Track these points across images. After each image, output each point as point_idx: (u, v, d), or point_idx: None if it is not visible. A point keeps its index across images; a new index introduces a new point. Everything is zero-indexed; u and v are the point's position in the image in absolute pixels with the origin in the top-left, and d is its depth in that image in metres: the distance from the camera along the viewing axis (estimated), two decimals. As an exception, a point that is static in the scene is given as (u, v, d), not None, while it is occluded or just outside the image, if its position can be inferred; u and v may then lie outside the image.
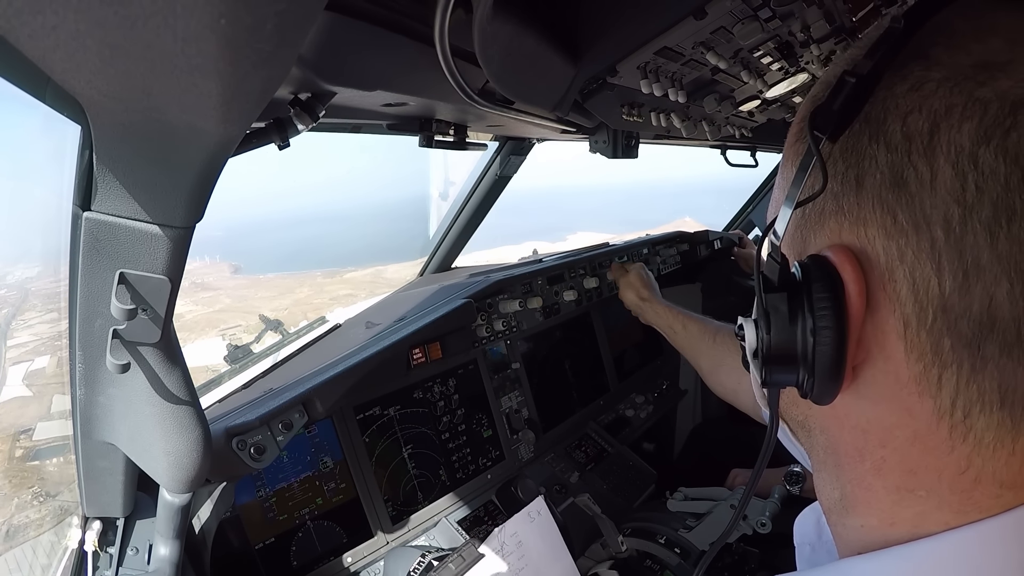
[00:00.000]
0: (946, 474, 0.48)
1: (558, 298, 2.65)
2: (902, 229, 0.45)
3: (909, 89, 0.46)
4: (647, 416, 3.05)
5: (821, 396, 0.51)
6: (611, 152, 2.03)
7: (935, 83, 0.45)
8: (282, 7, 0.51)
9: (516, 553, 1.59)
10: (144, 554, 1.38)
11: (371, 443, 2.00)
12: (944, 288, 0.44)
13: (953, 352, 0.45)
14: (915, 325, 0.46)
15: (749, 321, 0.55)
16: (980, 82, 0.43)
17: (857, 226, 0.48)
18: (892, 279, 0.46)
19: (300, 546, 1.78)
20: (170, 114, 0.63)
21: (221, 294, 24.79)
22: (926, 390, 0.47)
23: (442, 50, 0.85)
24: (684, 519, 2.11)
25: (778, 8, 1.21)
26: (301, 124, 1.03)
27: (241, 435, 1.44)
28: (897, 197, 0.46)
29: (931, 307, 0.45)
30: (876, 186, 0.47)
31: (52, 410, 2.68)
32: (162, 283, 0.89)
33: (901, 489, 0.51)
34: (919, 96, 0.46)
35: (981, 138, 0.42)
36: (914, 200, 0.45)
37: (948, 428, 0.46)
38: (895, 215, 0.46)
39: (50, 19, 0.50)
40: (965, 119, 0.43)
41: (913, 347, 0.46)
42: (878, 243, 0.47)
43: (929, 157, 0.44)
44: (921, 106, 0.45)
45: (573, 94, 1.38)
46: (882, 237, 0.47)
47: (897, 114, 0.46)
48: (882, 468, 0.52)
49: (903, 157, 0.45)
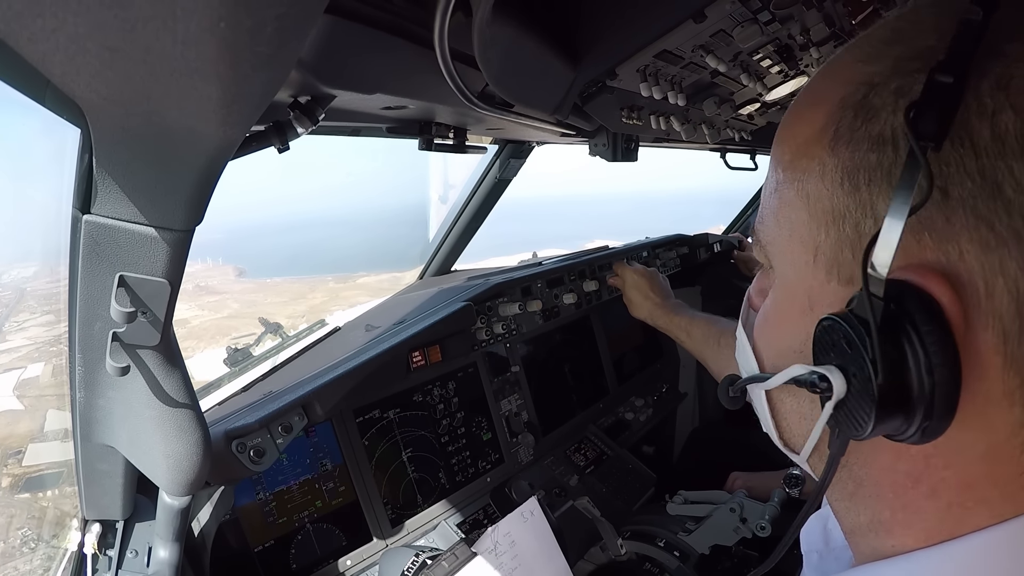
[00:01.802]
0: (1003, 479, 0.47)
1: (558, 301, 2.65)
2: (1002, 239, 0.42)
3: (993, 87, 0.43)
4: (647, 419, 3.05)
5: (933, 435, 0.46)
6: (610, 155, 2.04)
7: (1021, 79, 0.43)
8: (282, 10, 0.51)
9: (509, 553, 1.58)
10: (143, 557, 1.38)
11: (370, 446, 2.00)
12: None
13: None
14: (1016, 338, 0.44)
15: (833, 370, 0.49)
16: None
17: (945, 243, 0.45)
18: (990, 294, 0.43)
19: (299, 549, 1.77)
20: (170, 117, 0.63)
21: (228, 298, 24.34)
22: (1018, 401, 0.45)
23: (442, 53, 0.86)
24: (684, 522, 2.10)
25: (777, 11, 1.21)
26: (301, 127, 1.03)
27: (241, 438, 1.44)
28: (993, 205, 0.43)
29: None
30: (967, 196, 0.43)
31: (46, 428, 2.32)
32: (162, 286, 0.89)
33: (952, 505, 0.49)
34: (1006, 94, 0.43)
35: None
36: (1012, 206, 0.42)
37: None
38: (992, 225, 0.43)
39: (50, 22, 0.50)
40: None
41: (1013, 360, 0.44)
42: (971, 258, 0.44)
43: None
44: (1011, 104, 0.43)
45: (572, 97, 1.39)
46: (977, 251, 0.43)
47: (983, 115, 0.43)
48: (938, 489, 0.50)
49: (996, 161, 0.42)
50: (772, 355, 0.63)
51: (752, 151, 3.61)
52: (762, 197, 0.63)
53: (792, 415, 0.62)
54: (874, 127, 0.48)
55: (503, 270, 2.85)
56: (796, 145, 0.55)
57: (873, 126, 0.48)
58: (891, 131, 0.47)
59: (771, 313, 0.63)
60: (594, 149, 2.08)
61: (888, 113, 0.47)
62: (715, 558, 1.97)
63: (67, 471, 1.44)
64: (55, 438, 1.94)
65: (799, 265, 0.55)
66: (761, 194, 0.63)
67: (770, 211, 0.59)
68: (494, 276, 2.56)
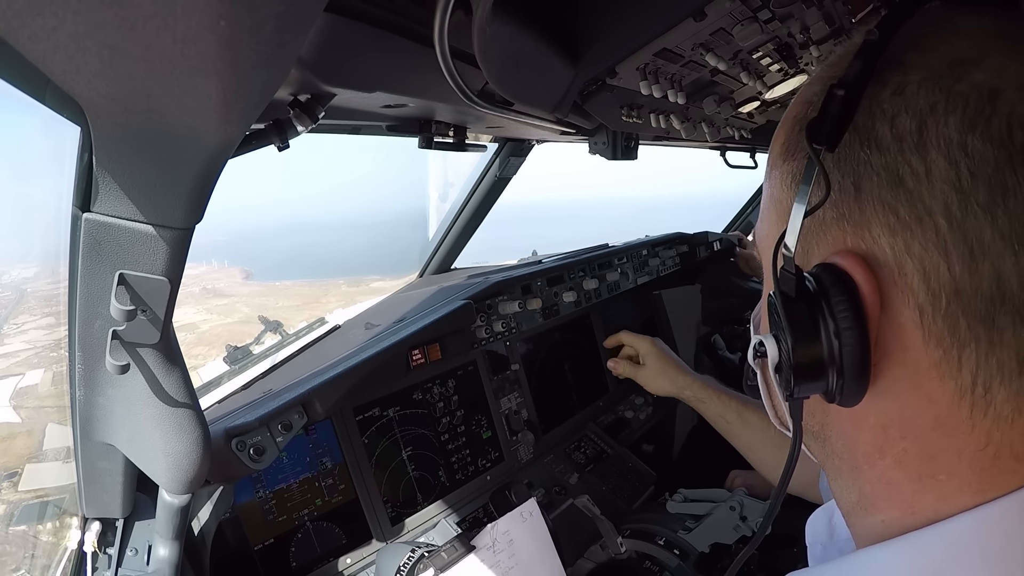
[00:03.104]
0: (966, 453, 0.50)
1: (557, 299, 2.65)
2: (906, 224, 0.48)
3: (892, 94, 0.50)
4: (646, 417, 3.05)
5: (850, 397, 0.52)
6: (610, 153, 2.04)
7: (915, 85, 0.49)
8: (281, 8, 0.51)
9: (507, 551, 1.59)
10: (143, 555, 1.38)
11: (370, 444, 2.00)
12: (954, 272, 0.46)
13: (970, 330, 0.47)
14: (930, 312, 0.48)
15: (768, 337, 0.57)
16: (956, 78, 0.47)
17: (860, 229, 0.51)
18: (902, 273, 0.48)
19: (299, 547, 1.78)
20: (170, 115, 0.63)
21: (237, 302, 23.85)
22: (946, 372, 0.49)
23: (441, 51, 0.86)
24: (683, 520, 2.10)
25: (777, 10, 1.21)
26: (301, 125, 1.03)
27: (240, 436, 1.44)
28: (896, 195, 0.48)
29: (943, 292, 0.47)
30: (874, 188, 0.50)
31: (46, 446, 1.97)
32: (162, 284, 0.89)
33: (923, 476, 0.53)
34: (903, 99, 0.49)
35: (967, 127, 0.45)
36: (913, 195, 0.47)
37: (969, 406, 0.49)
38: (897, 212, 0.48)
39: (50, 21, 0.50)
40: (949, 113, 0.46)
41: (931, 333, 0.48)
42: (883, 242, 0.49)
43: (921, 152, 0.47)
44: (906, 107, 0.48)
45: (572, 95, 1.39)
46: (887, 235, 0.49)
47: (884, 118, 0.49)
48: (903, 459, 0.54)
49: (896, 157, 0.48)
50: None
51: (752, 149, 3.61)
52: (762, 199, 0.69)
53: (774, 389, 0.66)
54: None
55: (503, 268, 2.85)
56: (772, 158, 0.63)
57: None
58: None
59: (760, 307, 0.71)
60: (594, 147, 2.08)
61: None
62: (715, 556, 1.97)
63: (70, 496, 1.40)
64: (55, 457, 1.78)
65: (771, 258, 0.60)
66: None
67: (760, 214, 0.67)
68: (494, 274, 2.56)
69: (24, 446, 2.37)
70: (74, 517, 1.36)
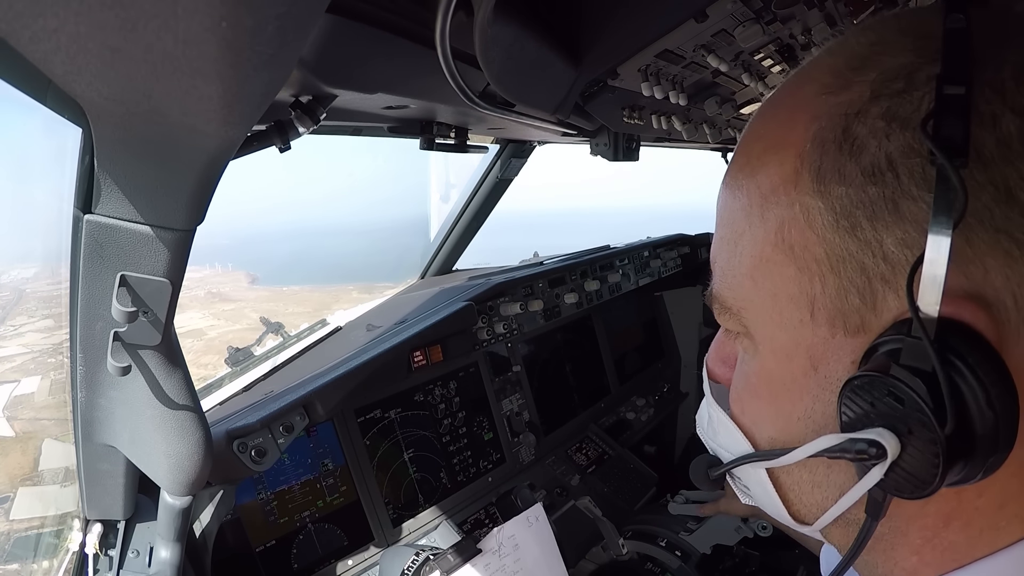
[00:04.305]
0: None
1: (559, 300, 2.65)
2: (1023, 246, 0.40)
3: (989, 93, 0.42)
4: (648, 419, 3.05)
5: (995, 468, 0.43)
6: (612, 155, 2.04)
7: (1013, 81, 0.41)
8: (283, 10, 0.51)
9: (512, 555, 1.59)
10: (145, 557, 1.38)
11: (372, 446, 2.00)
12: None
13: None
14: None
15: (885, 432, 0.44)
16: None
17: (967, 264, 0.42)
18: (1020, 307, 0.41)
19: (301, 549, 1.77)
20: (171, 117, 0.63)
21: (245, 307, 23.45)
22: None
23: (443, 53, 0.86)
24: (685, 522, 2.10)
25: (779, 11, 1.21)
26: (302, 127, 1.03)
27: (242, 437, 1.44)
28: (1009, 213, 0.40)
29: None
30: (981, 209, 0.41)
31: (42, 466, 1.74)
32: (163, 285, 0.89)
33: (985, 531, 0.47)
34: (1003, 99, 0.41)
35: None
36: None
37: None
38: (1011, 234, 0.41)
39: (51, 22, 0.50)
40: None
41: None
42: (996, 274, 0.41)
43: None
44: (1010, 107, 0.41)
45: (574, 97, 1.39)
46: (1002, 265, 0.41)
47: (983, 123, 0.41)
48: (972, 520, 0.47)
49: (1004, 167, 0.40)
50: (767, 428, 0.58)
51: (753, 151, 3.60)
52: (719, 257, 0.58)
53: (804, 485, 0.57)
54: (864, 159, 0.45)
55: (504, 270, 2.85)
56: (762, 195, 0.51)
57: (863, 158, 0.45)
58: (885, 159, 0.44)
59: (756, 382, 0.57)
60: (595, 149, 2.08)
61: (879, 140, 0.44)
62: (717, 558, 1.97)
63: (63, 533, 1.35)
64: (53, 480, 1.58)
65: (792, 325, 0.51)
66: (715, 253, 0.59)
67: (739, 271, 0.55)
68: (495, 276, 2.56)
69: (18, 465, 2.09)
70: (75, 520, 1.36)
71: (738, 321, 0.57)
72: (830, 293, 0.48)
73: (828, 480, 0.54)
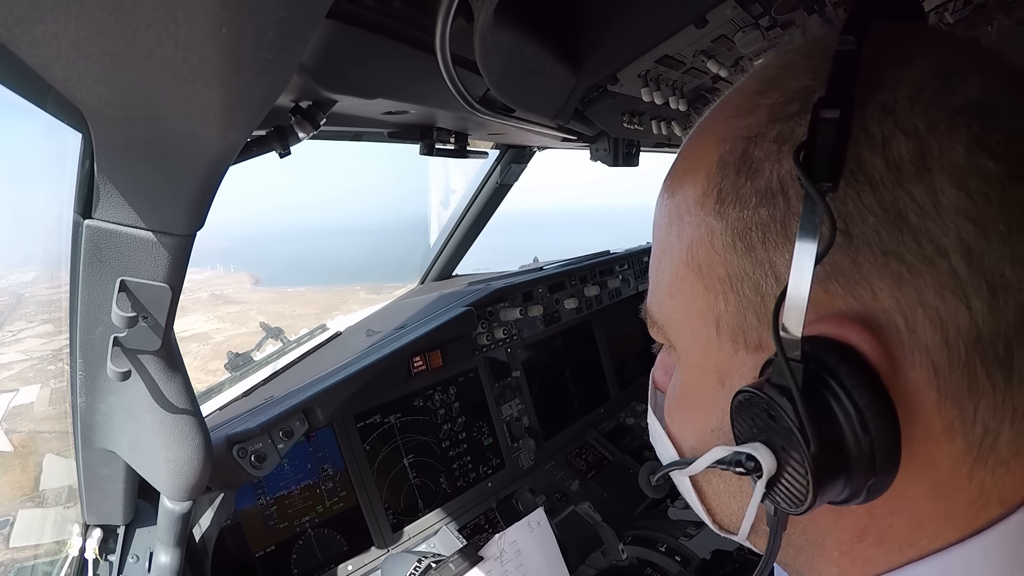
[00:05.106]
0: (956, 511, 0.44)
1: (559, 306, 2.65)
2: (914, 269, 0.40)
3: (879, 115, 0.42)
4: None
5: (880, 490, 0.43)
6: (612, 160, 2.04)
7: (907, 101, 0.41)
8: (283, 15, 0.51)
9: (515, 561, 1.58)
10: (145, 562, 1.38)
11: (372, 451, 1.99)
12: (975, 317, 0.40)
13: (988, 378, 0.41)
14: (946, 369, 0.41)
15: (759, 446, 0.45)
16: (949, 92, 0.41)
17: (855, 286, 0.42)
18: (912, 330, 0.41)
19: (300, 554, 1.77)
20: (171, 122, 0.63)
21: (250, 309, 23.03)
22: (958, 432, 0.42)
23: (443, 58, 0.86)
24: (685, 527, 2.10)
25: (779, 17, 1.21)
26: (302, 132, 1.03)
27: (242, 443, 1.44)
28: (899, 235, 0.40)
29: (962, 343, 0.40)
30: (871, 232, 0.41)
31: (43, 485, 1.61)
32: (163, 291, 0.89)
33: (904, 547, 0.46)
34: (893, 119, 0.41)
35: (973, 146, 0.39)
36: (919, 232, 0.40)
37: (972, 461, 0.42)
38: (901, 256, 0.40)
39: (51, 27, 0.50)
40: (952, 131, 0.40)
41: (947, 392, 0.41)
42: (886, 297, 0.41)
43: (926, 180, 0.40)
44: (901, 129, 0.41)
45: (574, 102, 1.39)
46: (891, 287, 0.41)
47: (872, 145, 0.41)
48: (887, 536, 0.47)
49: (894, 189, 0.40)
50: (689, 438, 0.59)
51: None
52: (651, 272, 0.59)
53: (722, 496, 0.58)
54: (759, 181, 0.45)
55: (504, 275, 2.85)
56: (679, 214, 0.52)
57: (758, 180, 0.45)
58: (778, 181, 0.44)
59: (679, 394, 0.58)
60: (595, 154, 2.08)
61: (772, 163, 0.45)
62: (716, 563, 1.96)
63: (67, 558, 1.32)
64: (56, 501, 1.48)
65: (701, 339, 0.52)
66: (650, 268, 0.59)
67: (662, 287, 0.56)
68: (495, 281, 2.56)
69: (17, 484, 1.91)
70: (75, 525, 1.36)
71: (663, 335, 0.58)
72: (731, 311, 0.48)
73: (740, 491, 0.55)
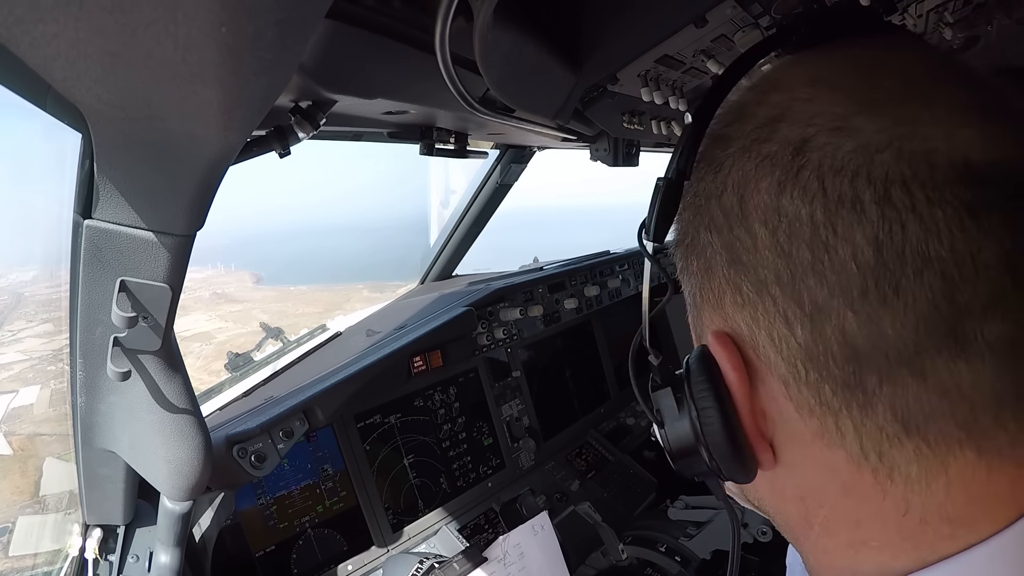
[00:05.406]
0: (890, 520, 0.46)
1: (559, 306, 2.65)
2: (749, 299, 0.47)
3: (714, 172, 0.50)
4: (648, 424, 3.04)
5: (735, 475, 0.52)
6: (612, 160, 2.03)
7: (730, 158, 0.49)
8: (283, 15, 0.51)
9: (518, 564, 1.58)
10: (145, 562, 1.38)
11: (372, 451, 1.99)
12: (800, 339, 0.44)
13: (836, 396, 0.44)
14: (793, 382, 0.46)
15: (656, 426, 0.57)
16: (764, 139, 0.47)
17: (718, 309, 0.51)
18: (757, 346, 0.48)
19: (300, 554, 1.77)
20: (171, 122, 0.63)
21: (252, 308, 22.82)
22: (832, 441, 0.46)
23: (443, 58, 0.86)
24: (685, 527, 2.10)
25: (779, 16, 1.21)
26: (302, 132, 1.03)
27: (242, 443, 1.44)
28: (736, 271, 0.48)
29: (798, 360, 0.45)
30: (720, 268, 0.49)
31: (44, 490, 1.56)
32: (163, 291, 0.89)
33: (854, 543, 0.49)
34: (722, 176, 0.49)
35: (776, 188, 0.45)
36: (748, 268, 0.47)
37: (871, 472, 0.45)
38: (740, 289, 0.48)
39: (51, 27, 0.50)
40: (760, 178, 0.46)
41: (801, 404, 0.46)
42: (738, 318, 0.49)
43: (746, 225, 0.47)
44: (726, 184, 0.49)
45: (574, 102, 1.38)
46: (737, 311, 0.49)
47: (713, 198, 0.50)
48: (828, 527, 0.50)
49: (728, 234, 0.48)
50: None
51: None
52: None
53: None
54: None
55: (504, 275, 2.85)
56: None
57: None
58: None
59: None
60: (595, 154, 2.07)
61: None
62: (716, 563, 1.96)
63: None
64: (57, 507, 1.43)
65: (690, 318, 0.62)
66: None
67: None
68: (495, 281, 2.56)
69: (16, 489, 1.83)
70: (74, 517, 1.36)
71: None
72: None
73: None
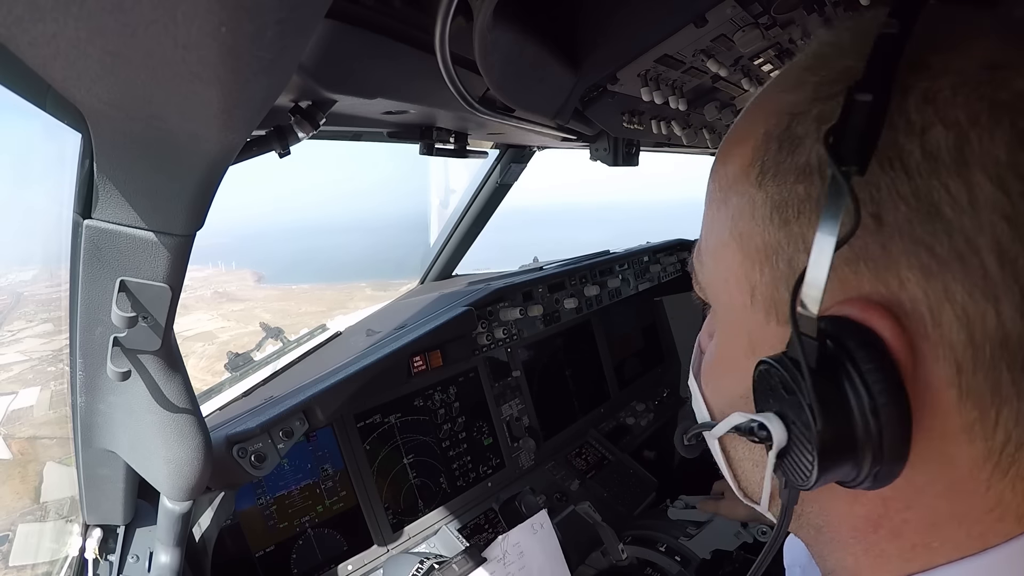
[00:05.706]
0: (970, 518, 0.44)
1: (559, 306, 2.65)
2: (944, 263, 0.39)
3: (920, 102, 0.40)
4: (648, 424, 3.04)
5: (883, 480, 0.43)
6: (611, 160, 2.04)
7: (949, 91, 0.40)
8: (283, 15, 0.51)
9: (517, 563, 1.58)
10: (145, 562, 1.38)
11: (372, 451, 1.99)
12: (1004, 319, 0.39)
13: (1013, 384, 0.40)
14: (970, 368, 0.40)
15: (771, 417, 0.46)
16: (997, 85, 0.39)
17: (883, 272, 0.41)
18: (938, 324, 0.40)
19: (300, 554, 1.77)
20: (171, 122, 0.63)
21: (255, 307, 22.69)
22: (978, 435, 0.41)
23: (443, 58, 0.86)
24: (685, 527, 2.10)
25: (779, 16, 1.21)
26: (302, 132, 1.03)
27: (242, 443, 1.44)
28: (932, 227, 0.39)
29: (988, 344, 0.39)
30: (902, 220, 0.40)
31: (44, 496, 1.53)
32: (163, 291, 0.89)
33: (917, 547, 0.46)
34: (934, 109, 0.40)
35: (1016, 143, 0.38)
36: (953, 227, 0.39)
37: (992, 467, 0.42)
38: (933, 249, 0.39)
39: (50, 27, 0.50)
40: (995, 125, 0.38)
41: (969, 392, 0.40)
42: (913, 287, 0.40)
43: (963, 175, 0.38)
44: (940, 119, 0.39)
45: (573, 102, 1.39)
46: (919, 278, 0.40)
47: (911, 133, 0.40)
48: (901, 531, 0.47)
49: (930, 180, 0.39)
50: (719, 402, 0.60)
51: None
52: (701, 234, 0.59)
53: (745, 463, 0.59)
54: (799, 157, 0.45)
55: (504, 275, 2.85)
56: (727, 182, 0.52)
57: (799, 156, 0.45)
58: (816, 160, 0.44)
59: (716, 358, 0.59)
60: (595, 154, 2.08)
61: (812, 141, 0.45)
62: (716, 563, 1.96)
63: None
64: (57, 514, 1.38)
65: (737, 307, 0.52)
66: (701, 230, 0.60)
67: (708, 250, 0.56)
68: (495, 281, 2.56)
69: (16, 495, 1.76)
70: (75, 524, 1.36)
71: (706, 295, 0.60)
72: (766, 282, 0.48)
73: (762, 460, 0.55)
